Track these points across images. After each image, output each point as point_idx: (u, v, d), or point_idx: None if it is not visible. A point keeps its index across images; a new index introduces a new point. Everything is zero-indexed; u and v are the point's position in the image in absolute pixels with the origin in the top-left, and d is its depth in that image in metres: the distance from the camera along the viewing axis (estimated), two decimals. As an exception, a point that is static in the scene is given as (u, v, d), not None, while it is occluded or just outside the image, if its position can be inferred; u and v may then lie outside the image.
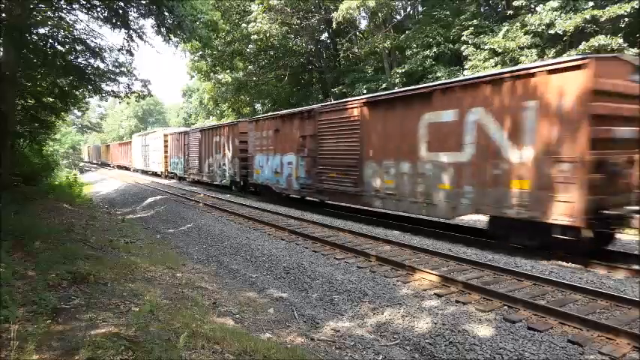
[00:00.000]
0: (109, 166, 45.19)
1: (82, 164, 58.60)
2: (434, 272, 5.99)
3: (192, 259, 8.32)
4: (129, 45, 11.10)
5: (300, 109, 14.17)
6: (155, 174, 29.91)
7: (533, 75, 6.93)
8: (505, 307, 4.90)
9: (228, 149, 18.38)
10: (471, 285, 5.49)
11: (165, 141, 27.34)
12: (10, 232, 6.34)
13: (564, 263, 6.98)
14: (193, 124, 50.80)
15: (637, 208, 6.16)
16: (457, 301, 5.13)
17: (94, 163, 55.00)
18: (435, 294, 5.41)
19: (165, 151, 27.43)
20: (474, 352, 4.03)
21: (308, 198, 13.96)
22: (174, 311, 4.37)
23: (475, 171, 7.82)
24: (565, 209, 6.44)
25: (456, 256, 6.89)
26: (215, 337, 3.71)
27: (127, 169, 37.86)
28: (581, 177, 6.29)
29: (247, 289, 6.37)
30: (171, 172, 26.96)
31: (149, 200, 17.33)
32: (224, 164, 18.99)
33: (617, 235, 7.70)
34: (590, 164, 6.24)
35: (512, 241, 7.71)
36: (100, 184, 29.61)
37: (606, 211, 6.32)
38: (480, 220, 10.31)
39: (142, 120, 78.05)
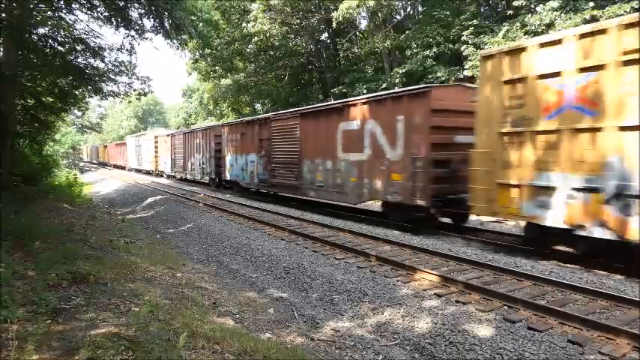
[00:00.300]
0: (107, 165, 46.93)
1: (82, 164, 58.65)
2: (434, 272, 5.99)
3: (192, 259, 8.32)
4: (130, 44, 11.11)
5: (258, 116, 17.28)
6: (147, 172, 31.99)
7: (401, 97, 9.61)
8: (505, 307, 4.90)
9: (206, 150, 20.89)
10: (471, 285, 5.49)
11: (156, 142, 29.55)
12: (10, 232, 6.35)
13: (564, 263, 6.99)
14: (193, 124, 50.82)
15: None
16: (457, 301, 5.13)
17: (94, 163, 56.43)
18: (435, 294, 5.41)
19: (156, 152, 29.70)
20: (474, 352, 4.03)
21: (263, 190, 16.26)
22: (174, 311, 4.38)
23: (370, 167, 10.44)
24: (421, 194, 9.02)
25: (455, 256, 6.89)
26: (215, 337, 3.71)
27: (122, 168, 39.96)
28: (427, 171, 8.88)
29: (247, 289, 6.37)
30: (161, 171, 29.30)
31: (149, 200, 17.33)
32: (203, 163, 21.41)
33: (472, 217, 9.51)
34: (433, 161, 8.89)
35: (393, 219, 10.20)
36: (100, 184, 29.62)
37: (450, 196, 8.87)
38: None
39: (142, 120, 78.01)
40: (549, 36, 7.20)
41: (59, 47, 10.71)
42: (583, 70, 6.17)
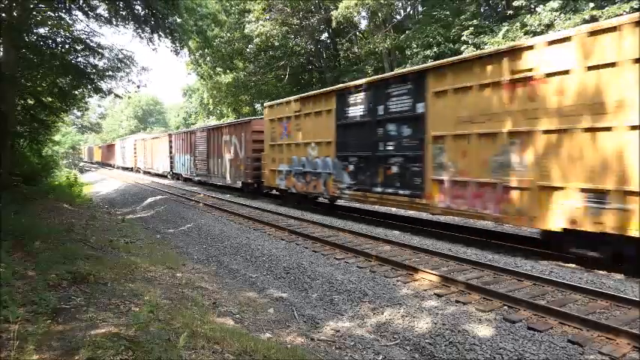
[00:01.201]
0: (98, 163, 53.28)
1: (82, 164, 58.70)
2: (434, 272, 5.99)
3: (192, 259, 8.32)
4: (141, 35, 11.01)
5: (188, 129, 26.80)
6: (130, 169, 38.52)
7: (242, 124, 17.24)
8: (505, 307, 4.90)
9: (165, 151, 27.84)
10: (471, 285, 5.49)
11: (134, 145, 36.66)
12: (10, 232, 6.34)
13: (564, 263, 6.99)
14: (193, 124, 50.90)
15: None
16: (457, 301, 5.13)
17: (91, 163, 59.57)
18: (435, 294, 5.41)
19: (135, 153, 36.61)
20: (474, 352, 4.03)
21: (194, 179, 23.38)
22: (174, 311, 4.38)
23: (234, 163, 17.77)
24: (251, 177, 16.33)
25: (455, 256, 6.89)
26: (215, 337, 3.71)
27: (111, 166, 46.36)
28: (251, 165, 16.22)
29: (247, 289, 6.37)
30: (138, 167, 35.88)
31: (149, 200, 17.33)
32: (163, 161, 28.59)
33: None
34: (252, 160, 16.11)
35: (246, 191, 17.26)
36: (100, 184, 29.62)
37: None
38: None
39: (142, 120, 78.00)
40: (282, 101, 14.49)
41: (59, 47, 10.70)
42: (298, 116, 13.27)
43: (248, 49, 27.27)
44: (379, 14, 21.65)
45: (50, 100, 13.82)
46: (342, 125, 11.18)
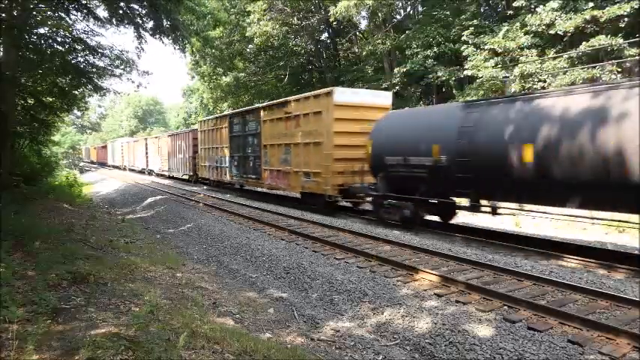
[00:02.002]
0: (95, 163, 57.33)
1: (82, 164, 58.78)
2: (434, 272, 5.99)
3: (192, 259, 8.32)
4: (139, 42, 11.02)
5: (158, 135, 32.87)
6: (118, 167, 43.49)
7: (190, 132, 23.96)
8: (505, 307, 4.90)
9: (142, 152, 33.97)
10: (471, 285, 5.49)
11: (122, 146, 42.31)
12: (10, 232, 6.34)
13: (564, 263, 6.99)
14: (193, 123, 50.92)
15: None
16: (457, 301, 5.13)
17: (89, 162, 61.99)
18: (435, 294, 5.41)
19: (122, 153, 41.99)
20: (474, 352, 4.03)
21: (164, 174, 28.56)
22: (174, 311, 4.37)
23: (183, 162, 24.38)
24: (195, 169, 22.92)
25: (455, 256, 6.89)
26: (215, 337, 3.71)
27: (103, 164, 51.23)
28: (192, 162, 23.16)
29: (247, 289, 6.37)
30: (125, 165, 40.74)
31: (149, 200, 17.33)
32: (142, 160, 34.30)
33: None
34: (192, 158, 23.06)
35: (194, 181, 23.16)
36: (100, 184, 29.62)
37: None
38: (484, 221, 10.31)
39: (142, 120, 77.96)
40: (206, 119, 22.15)
41: (59, 47, 10.70)
42: (213, 130, 20.14)
43: (248, 50, 27.26)
44: (379, 14, 21.65)
45: (50, 100, 13.82)
46: (231, 137, 17.81)
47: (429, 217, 10.00)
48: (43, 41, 10.55)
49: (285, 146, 13.66)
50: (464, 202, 8.87)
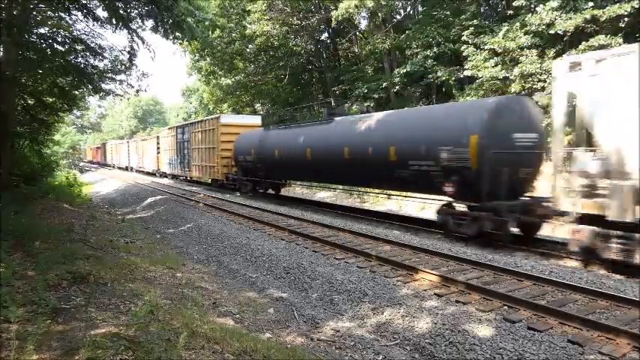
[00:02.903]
0: (91, 162, 61.69)
1: (82, 164, 58.81)
2: (434, 272, 5.99)
3: (192, 259, 8.32)
4: (131, 45, 11.03)
5: (136, 139, 40.42)
6: (109, 165, 48.40)
7: (152, 138, 31.81)
8: (505, 307, 4.90)
9: (125, 152, 39.84)
10: (471, 285, 5.49)
11: (111, 147, 48.06)
12: (10, 232, 6.34)
13: (564, 263, 6.99)
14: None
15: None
16: (457, 301, 5.13)
17: (87, 162, 64.66)
18: (435, 294, 5.41)
19: (111, 153, 47.40)
20: (474, 352, 4.03)
21: (140, 170, 34.21)
22: (175, 311, 4.37)
23: (150, 160, 31.06)
24: (157, 168, 30.12)
25: (455, 256, 6.89)
26: (215, 337, 3.71)
27: (99, 163, 55.53)
28: (156, 161, 29.85)
29: (247, 289, 6.37)
30: (114, 164, 45.36)
31: (149, 200, 17.33)
32: (124, 159, 40.20)
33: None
34: (156, 158, 29.76)
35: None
36: (100, 184, 29.63)
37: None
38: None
39: (142, 120, 77.94)
40: (163, 128, 37.51)
41: (59, 47, 10.69)
42: (166, 137, 27.75)
43: (248, 50, 27.24)
44: (379, 14, 21.64)
45: (50, 100, 13.81)
46: (177, 142, 24.51)
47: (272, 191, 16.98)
48: (43, 41, 10.54)
49: (201, 150, 20.82)
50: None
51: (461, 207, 8.79)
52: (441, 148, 8.37)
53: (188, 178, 24.09)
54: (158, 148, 29.02)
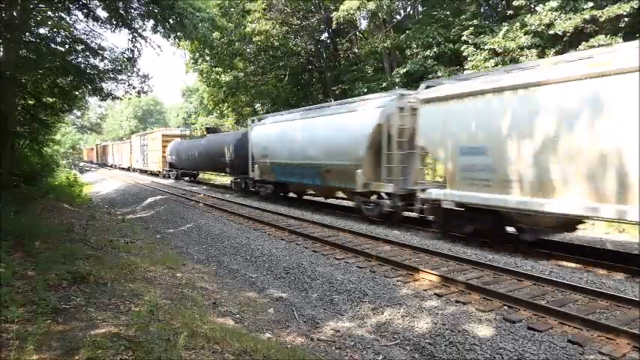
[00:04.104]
0: (87, 161, 65.88)
1: (82, 164, 58.84)
2: (434, 272, 5.99)
3: (192, 259, 8.32)
4: (133, 45, 11.00)
5: (117, 142, 51.63)
6: (99, 163, 55.08)
7: (127, 141, 41.33)
8: (505, 307, 4.90)
9: (112, 153, 46.60)
10: (471, 285, 5.49)
11: (100, 148, 55.26)
12: (10, 232, 6.34)
13: (564, 263, 6.99)
14: (193, 123, 50.97)
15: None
16: (457, 301, 5.13)
17: (86, 162, 66.95)
18: (435, 294, 5.41)
19: (99, 153, 54.79)
20: (474, 352, 4.03)
21: (121, 167, 41.10)
22: (175, 311, 4.37)
23: (127, 159, 38.94)
24: (131, 165, 37.42)
25: (455, 256, 6.89)
26: (215, 337, 3.71)
27: (91, 162, 60.69)
28: (132, 159, 36.80)
29: (247, 289, 6.37)
30: (103, 162, 52.20)
31: (149, 200, 17.33)
32: (110, 158, 46.51)
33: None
34: (131, 157, 37.25)
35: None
36: (100, 184, 29.63)
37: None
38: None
39: (142, 120, 77.95)
40: (135, 134, 41.02)
41: (59, 47, 10.69)
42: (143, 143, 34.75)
43: (248, 49, 27.21)
44: (379, 14, 21.63)
45: (50, 100, 13.80)
46: (140, 146, 33.46)
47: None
48: (43, 41, 10.54)
49: (152, 152, 29.96)
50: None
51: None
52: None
53: (150, 172, 31.98)
54: (130, 150, 37.47)
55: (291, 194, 15.72)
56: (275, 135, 14.29)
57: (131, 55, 11.42)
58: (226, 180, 23.68)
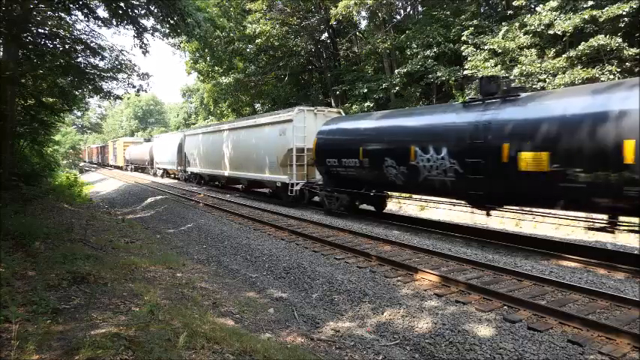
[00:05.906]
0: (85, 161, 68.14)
1: (82, 164, 58.86)
2: (434, 272, 5.99)
3: (193, 259, 8.32)
4: (140, 40, 10.91)
5: (106, 144, 55.20)
6: (95, 163, 58.51)
7: (112, 143, 49.53)
8: (505, 307, 4.90)
9: (103, 153, 51.25)
10: (471, 285, 5.49)
11: (92, 149, 60.18)
12: (10, 232, 6.34)
13: (564, 263, 6.99)
14: (194, 124, 51.00)
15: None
16: (457, 301, 5.13)
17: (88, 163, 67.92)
18: (435, 294, 5.41)
19: (92, 153, 58.70)
20: (474, 352, 4.03)
21: (116, 165, 44.87)
22: (174, 311, 4.37)
23: (121, 159, 43.27)
24: (122, 163, 42.52)
25: (455, 256, 6.89)
26: (215, 337, 3.70)
27: (94, 162, 61.95)
28: (123, 159, 41.79)
29: (247, 289, 6.37)
30: (98, 162, 54.74)
31: (149, 200, 17.33)
32: (105, 157, 49.94)
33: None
34: (123, 157, 42.84)
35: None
36: (100, 184, 29.64)
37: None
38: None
39: (142, 120, 77.91)
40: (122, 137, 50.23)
41: (59, 47, 10.68)
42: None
43: (248, 49, 27.21)
44: (379, 14, 21.64)
45: (51, 100, 13.79)
46: (128, 151, 40.53)
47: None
48: (43, 41, 10.53)
49: (119, 152, 41.51)
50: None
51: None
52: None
53: (122, 167, 40.82)
54: (124, 151, 42.75)
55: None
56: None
57: (139, 51, 11.42)
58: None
